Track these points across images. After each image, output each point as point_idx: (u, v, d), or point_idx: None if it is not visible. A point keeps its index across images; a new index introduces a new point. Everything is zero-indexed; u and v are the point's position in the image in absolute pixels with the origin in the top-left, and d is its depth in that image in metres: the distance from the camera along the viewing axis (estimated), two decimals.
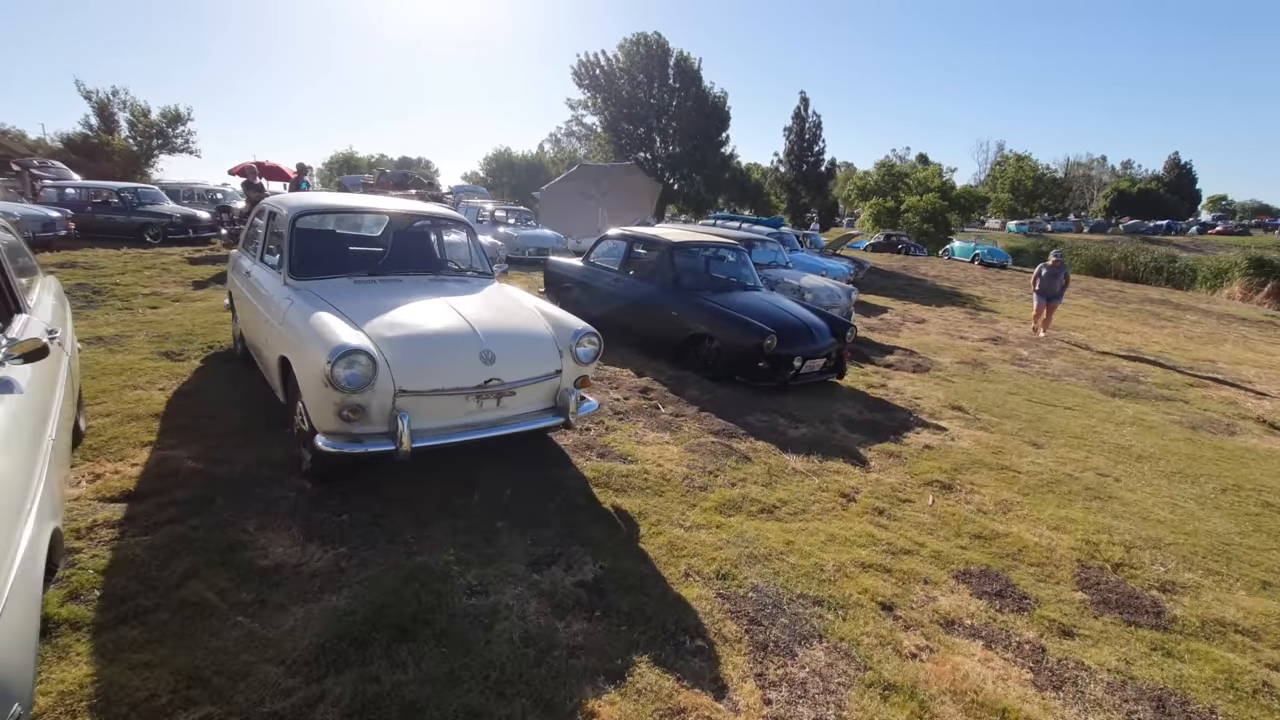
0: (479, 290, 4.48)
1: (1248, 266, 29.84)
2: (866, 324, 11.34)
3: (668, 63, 30.95)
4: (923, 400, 6.75)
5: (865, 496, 4.29)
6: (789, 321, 6.61)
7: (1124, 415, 7.03)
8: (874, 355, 8.77)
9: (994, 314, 14.25)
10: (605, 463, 4.36)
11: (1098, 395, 7.85)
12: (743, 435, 5.17)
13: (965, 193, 42.24)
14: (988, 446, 5.52)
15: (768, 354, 6.12)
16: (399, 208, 5.11)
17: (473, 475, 3.90)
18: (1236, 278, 30.05)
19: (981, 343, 10.60)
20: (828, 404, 6.23)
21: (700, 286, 7.18)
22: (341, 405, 3.19)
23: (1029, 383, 8.08)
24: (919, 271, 22.86)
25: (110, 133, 35.87)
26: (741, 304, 6.78)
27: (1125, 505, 4.61)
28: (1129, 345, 11.76)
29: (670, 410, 5.59)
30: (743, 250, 7.97)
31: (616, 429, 5.03)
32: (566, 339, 3.98)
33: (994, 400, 7.03)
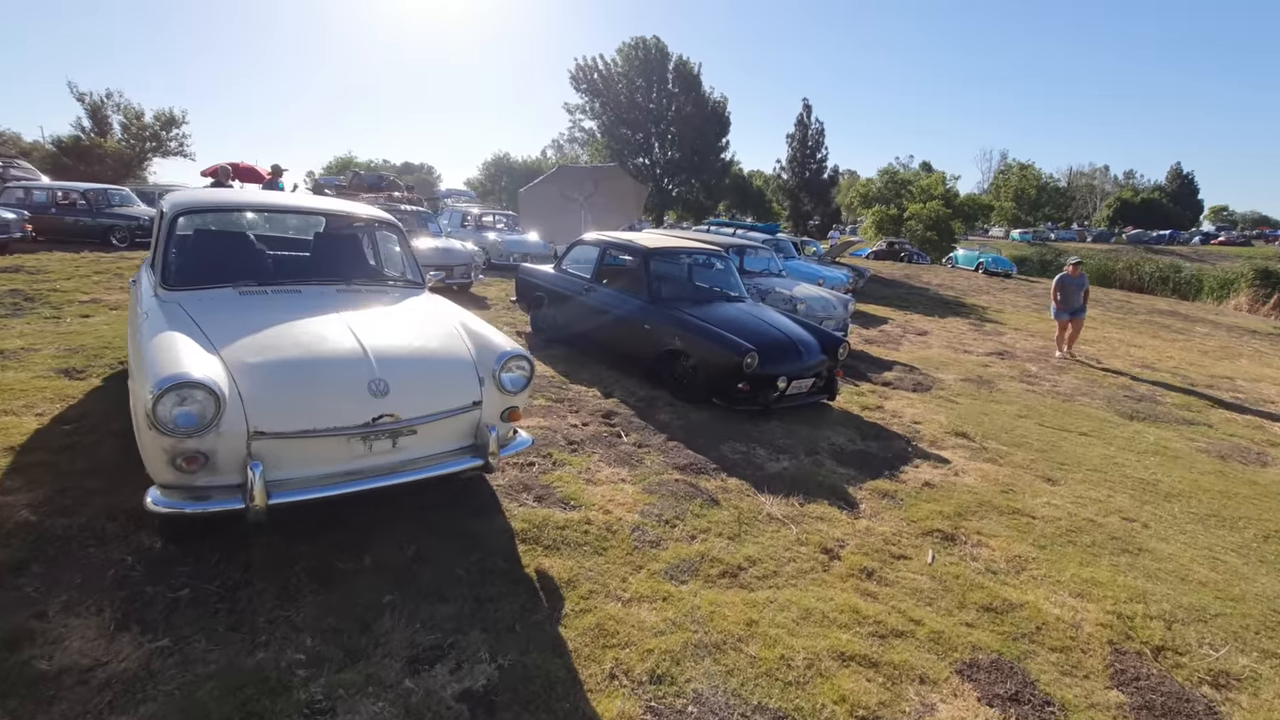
0: (395, 304, 3.78)
1: (1255, 278, 29.10)
2: (865, 336, 10.62)
3: (667, 67, 30.34)
4: (923, 425, 6.02)
5: (852, 552, 3.56)
6: (773, 337, 5.89)
7: (1145, 442, 6.28)
8: (871, 371, 8.04)
9: (999, 325, 13.51)
10: (542, 509, 3.64)
11: (1114, 418, 7.10)
12: (713, 471, 4.45)
13: (969, 200, 41.57)
14: (996, 483, 4.79)
15: (748, 374, 5.40)
16: (313, 206, 4.40)
17: (372, 528, 3.19)
18: (1244, 289, 29.29)
19: (987, 357, 9.86)
20: (816, 430, 5.50)
21: (677, 297, 6.47)
22: (174, 452, 2.49)
23: (1039, 403, 7.34)
24: (921, 280, 22.12)
25: (103, 135, 35.39)
26: (722, 317, 6.06)
27: (1158, 560, 3.87)
28: (1141, 360, 11.01)
29: (633, 440, 4.87)
30: (727, 258, 7.26)
31: (566, 463, 4.31)
32: (489, 363, 3.27)
33: (1002, 425, 6.30)
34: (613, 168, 10.48)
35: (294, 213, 4.29)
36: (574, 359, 7.02)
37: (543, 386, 5.94)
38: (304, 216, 4.43)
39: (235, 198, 4.39)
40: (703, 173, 31.84)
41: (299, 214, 4.32)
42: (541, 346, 7.52)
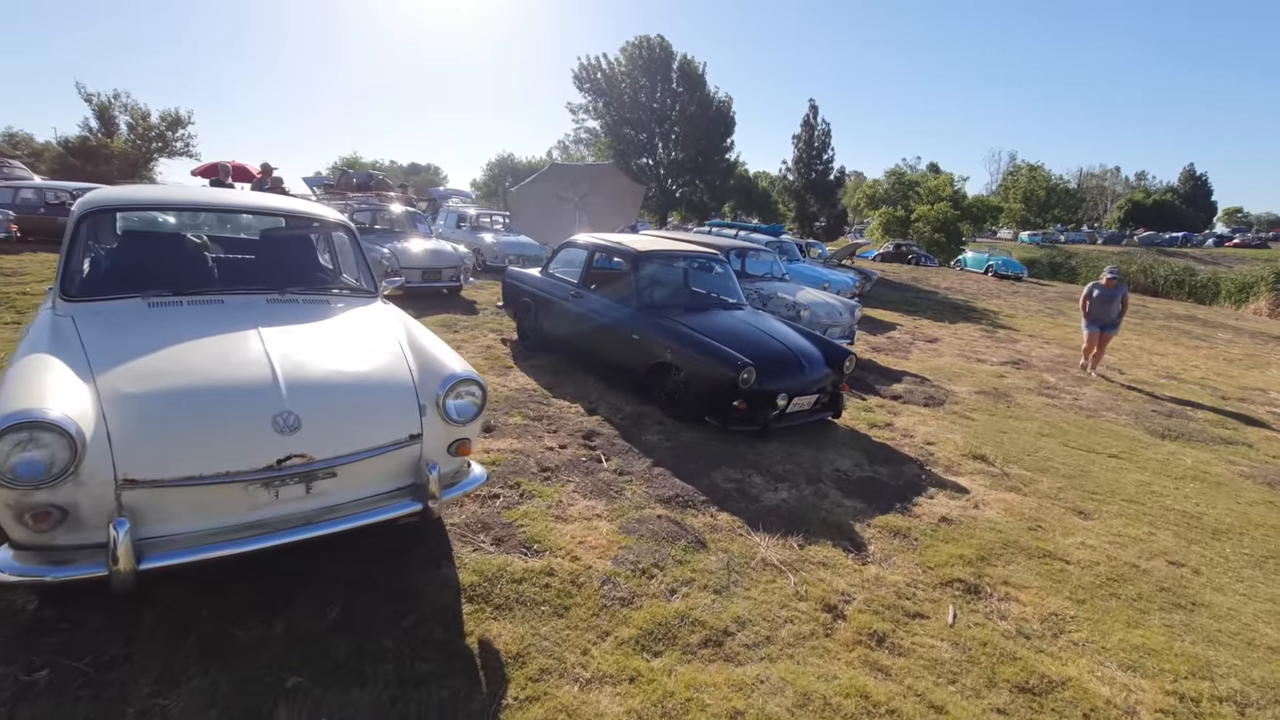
0: (334, 317, 3.28)
1: (1275, 281, 28.29)
2: (872, 343, 10.07)
3: (671, 66, 29.77)
4: (937, 446, 5.47)
5: (860, 609, 3.03)
6: (773, 349, 5.36)
7: (1181, 465, 5.71)
8: (880, 383, 7.50)
9: (1013, 331, 12.91)
10: (499, 555, 3.13)
11: (1144, 436, 6.53)
12: (702, 504, 3.93)
13: (977, 202, 40.84)
14: (1022, 517, 4.24)
15: (744, 390, 4.88)
16: (249, 204, 3.90)
17: (295, 582, 2.70)
18: (1263, 292, 28.51)
19: (1002, 367, 9.29)
20: (819, 453, 4.97)
21: (669, 305, 5.95)
22: (19, 507, 2.00)
23: (1061, 420, 6.78)
24: (930, 283, 21.50)
25: (110, 136, 35.21)
26: (717, 327, 5.54)
27: (1217, 618, 3.32)
28: (1166, 369, 10.39)
29: (614, 466, 4.35)
30: (724, 262, 6.73)
31: (535, 495, 3.80)
32: (433, 389, 2.77)
33: (1023, 446, 5.74)
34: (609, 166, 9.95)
35: (224, 211, 3.79)
36: (560, 370, 6.52)
37: (522, 402, 5.44)
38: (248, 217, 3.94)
39: (155, 195, 3.87)
40: (707, 173, 31.25)
41: (232, 213, 3.83)
42: (527, 355, 7.03)
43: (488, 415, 4.95)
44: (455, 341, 7.34)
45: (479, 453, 4.29)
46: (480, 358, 6.77)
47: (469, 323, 8.36)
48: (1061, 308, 18.22)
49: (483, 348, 7.18)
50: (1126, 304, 9.22)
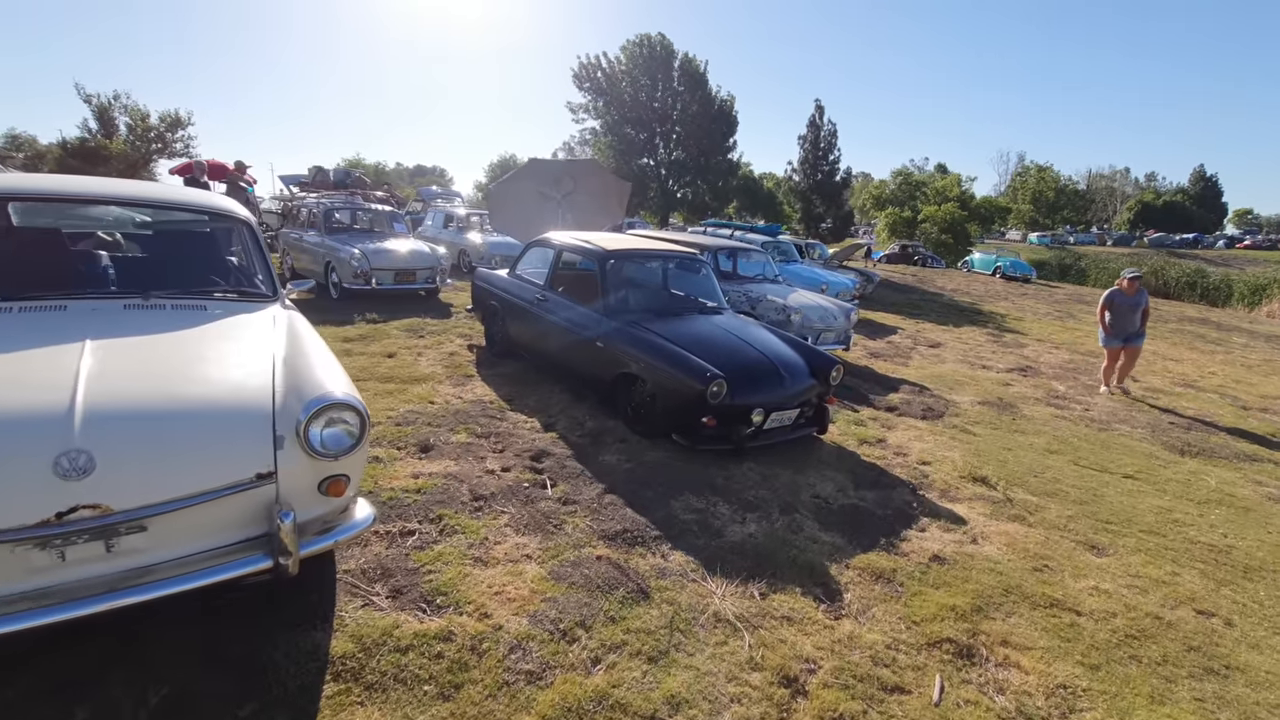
0: (201, 325, 2.76)
1: None
2: (870, 348, 9.49)
3: (672, 65, 29.19)
4: (933, 467, 4.91)
5: (825, 682, 2.48)
6: (749, 359, 4.81)
7: (1204, 487, 5.12)
8: (875, 392, 6.93)
9: (1020, 335, 12.28)
10: (392, 612, 2.60)
11: (1162, 453, 5.93)
12: (653, 540, 3.38)
13: (985, 203, 40.08)
14: (1026, 553, 3.68)
15: (714, 405, 4.33)
16: (122, 194, 3.36)
17: (119, 651, 2.18)
18: (1277, 295, 27.69)
19: (1008, 374, 8.69)
20: (799, 476, 4.42)
21: (639, 309, 5.40)
22: None
23: (1072, 433, 6.19)
24: (935, 285, 20.86)
25: (109, 137, 34.98)
26: (689, 334, 5.00)
27: (1255, 685, 2.75)
28: (1182, 377, 9.76)
29: (560, 493, 3.81)
30: (704, 263, 6.18)
31: (459, 530, 3.27)
32: (293, 415, 2.24)
33: (1029, 465, 5.16)
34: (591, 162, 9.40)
35: (87, 202, 3.27)
36: (525, 379, 6.00)
37: (473, 416, 4.92)
38: (137, 212, 3.43)
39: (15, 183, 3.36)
40: (709, 173, 30.65)
41: (99, 203, 3.31)
42: (493, 363, 6.51)
43: (429, 433, 4.44)
44: (418, 348, 6.84)
45: (406, 477, 3.78)
46: (441, 366, 6.26)
47: (437, 327, 7.85)
48: (1071, 310, 17.56)
49: (445, 355, 6.66)
50: (1148, 311, 8.03)
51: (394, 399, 5.14)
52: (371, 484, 3.63)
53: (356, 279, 8.75)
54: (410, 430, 4.49)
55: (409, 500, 3.49)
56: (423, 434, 4.44)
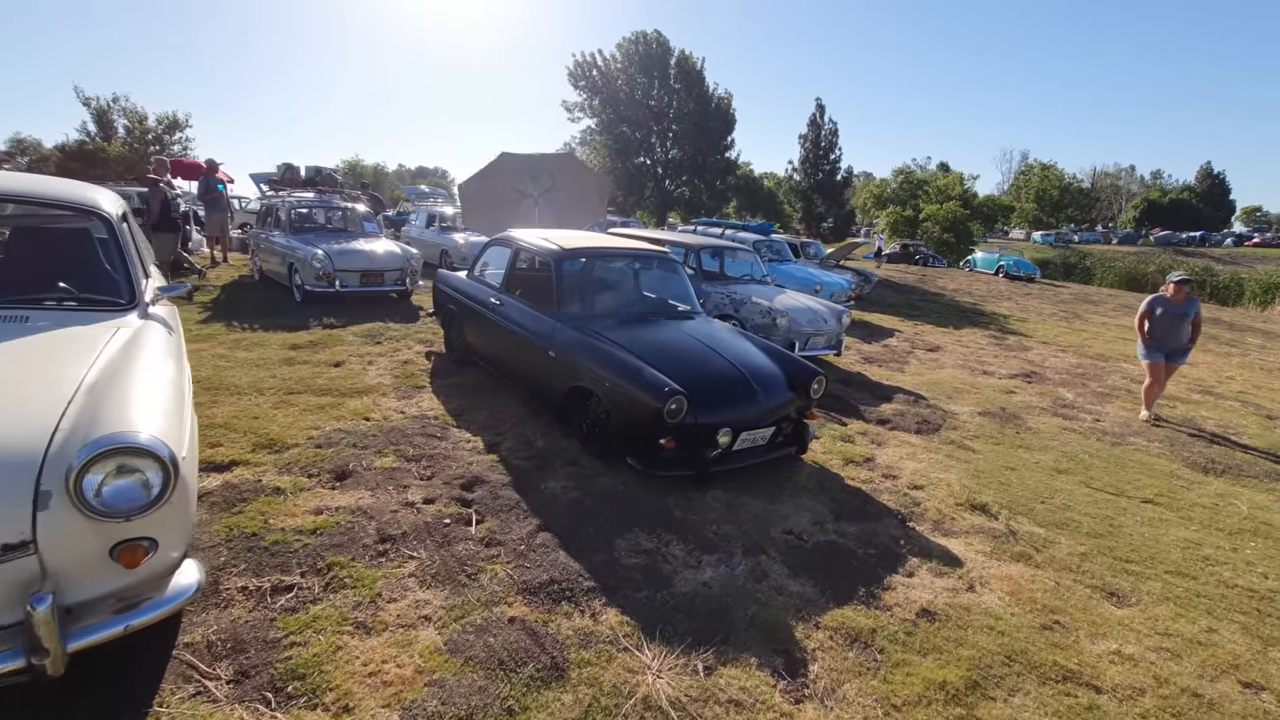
0: (6, 341, 2.21)
1: None
2: (865, 353, 8.89)
3: (669, 62, 28.58)
4: (926, 491, 4.32)
5: None
6: (716, 370, 4.23)
7: (1234, 514, 4.52)
8: (866, 402, 6.34)
9: (1024, 338, 11.65)
10: (227, 704, 2.03)
11: (1184, 471, 5.33)
12: (586, 594, 2.81)
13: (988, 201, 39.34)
14: (1033, 605, 3.09)
15: (674, 425, 3.76)
16: None
17: None
18: None
19: (1011, 380, 8.08)
20: (771, 505, 3.84)
21: (598, 314, 4.83)
22: None
23: (1082, 449, 5.58)
24: (937, 284, 20.22)
25: (108, 139, 34.70)
26: (651, 343, 4.42)
27: None
28: (1199, 382, 9.12)
29: (485, 531, 3.25)
30: (674, 263, 5.59)
31: (349, 584, 2.71)
32: (65, 462, 1.68)
33: (1035, 488, 4.57)
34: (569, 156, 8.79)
35: None
36: (481, 390, 5.44)
37: (410, 434, 4.36)
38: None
39: None
40: (706, 172, 30.03)
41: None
42: (450, 371, 5.95)
43: (352, 456, 3.88)
44: (371, 356, 6.29)
45: (306, 514, 3.22)
46: (390, 376, 5.70)
47: (398, 332, 7.29)
48: (1078, 310, 16.91)
49: (399, 363, 6.10)
50: (1199, 324, 6.70)
51: (324, 415, 4.58)
52: (259, 523, 3.07)
53: (319, 281, 8.20)
54: (330, 454, 3.93)
55: (298, 545, 2.93)
56: (344, 458, 3.88)
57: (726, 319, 7.60)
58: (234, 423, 4.27)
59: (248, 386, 5.04)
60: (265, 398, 4.83)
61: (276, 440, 4.04)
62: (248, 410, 4.53)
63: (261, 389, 5.01)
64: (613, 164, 28.90)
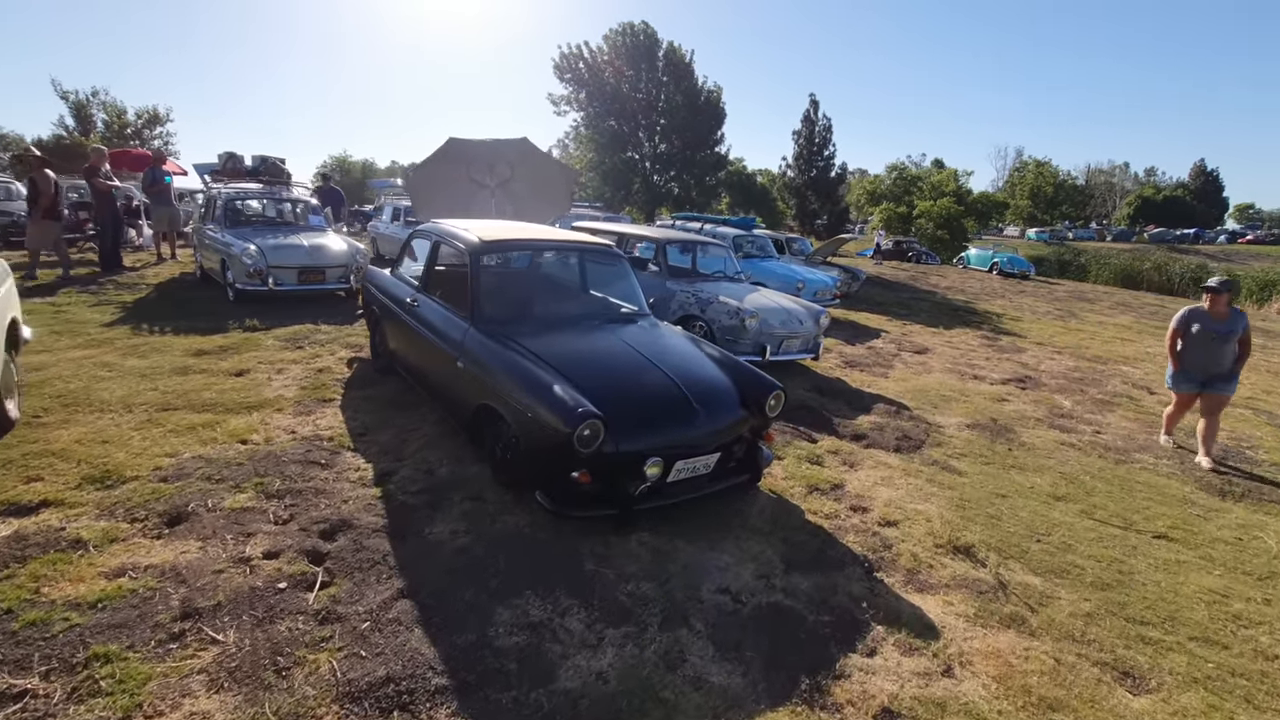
0: None
1: None
2: (847, 355, 8.18)
3: (656, 54, 27.75)
4: (901, 528, 3.61)
5: None
6: (648, 386, 3.50)
7: (1262, 552, 3.81)
8: (842, 414, 5.62)
9: (1017, 339, 10.95)
10: None
11: (1198, 495, 4.63)
12: (429, 698, 2.09)
13: (982, 198, 38.67)
14: (1027, 695, 2.38)
15: (589, 455, 3.03)
16: None
17: None
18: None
19: (1004, 386, 7.37)
20: (707, 553, 3.12)
21: (518, 318, 4.09)
22: None
23: (1082, 468, 4.88)
24: (929, 282, 19.52)
25: (86, 134, 33.83)
26: (575, 352, 3.70)
27: None
28: None
29: (330, 597, 2.52)
30: (618, 257, 4.85)
31: (111, 688, 1.98)
32: None
33: (1029, 520, 3.86)
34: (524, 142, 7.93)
35: None
36: (399, 403, 4.72)
37: (289, 461, 3.64)
38: None
39: None
40: (695, 167, 29.25)
41: None
42: (370, 380, 5.23)
43: (200, 492, 3.16)
44: (284, 363, 5.55)
45: (105, 573, 2.49)
46: (297, 387, 4.97)
47: (327, 336, 6.56)
48: (1073, 309, 16.21)
49: (313, 371, 5.37)
50: (1249, 344, 5.18)
51: (191, 438, 3.85)
52: (25, 594, 2.35)
53: (251, 279, 7.46)
54: (173, 490, 3.20)
55: (61, 627, 2.21)
56: (187, 495, 3.15)
57: (691, 320, 6.89)
58: (73, 449, 3.54)
59: (117, 402, 4.30)
60: (131, 416, 4.10)
61: (114, 472, 3.32)
62: (100, 432, 3.80)
63: (132, 405, 4.28)
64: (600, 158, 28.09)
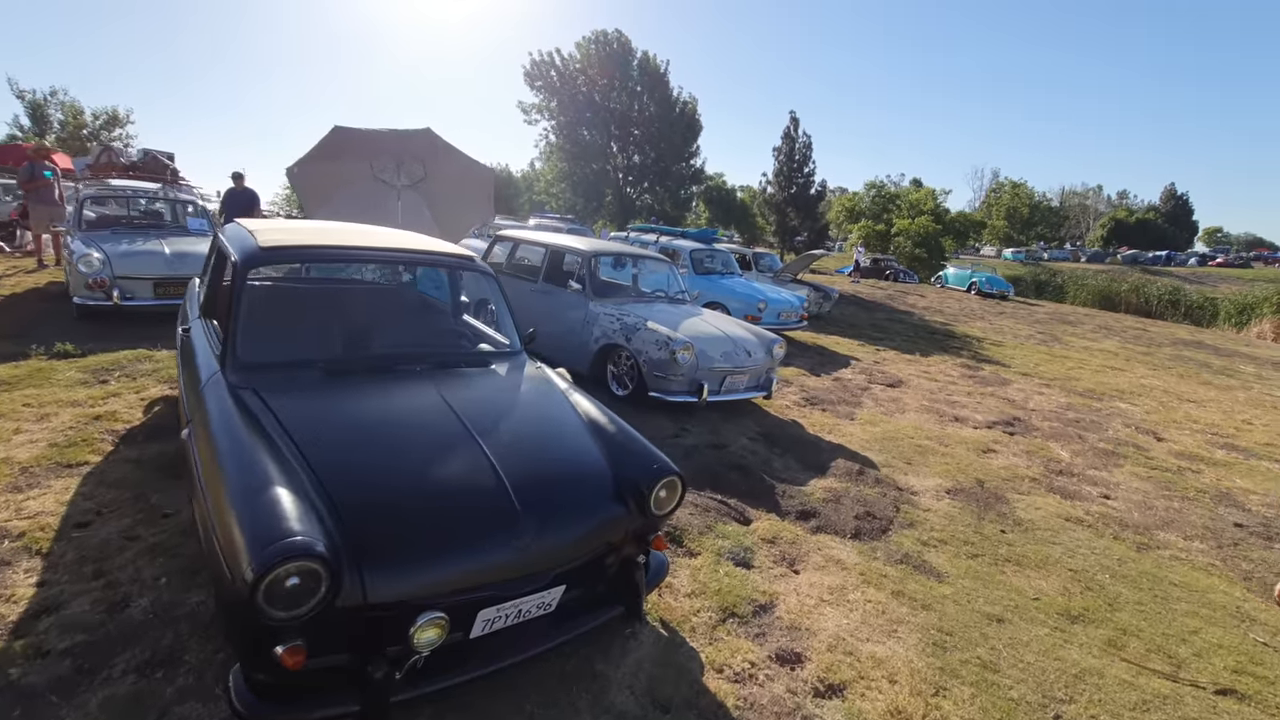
0: None
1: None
2: (808, 391, 6.92)
3: (630, 63, 26.69)
4: (848, 700, 2.31)
5: None
6: (446, 481, 2.18)
7: None
8: (791, 476, 4.35)
9: (1001, 367, 9.78)
10: None
11: (1252, 602, 3.41)
12: None
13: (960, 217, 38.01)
14: None
15: (297, 619, 1.70)
16: None
17: None
18: (1267, 314, 25.55)
19: (990, 431, 6.15)
20: None
21: (293, 362, 2.75)
22: None
23: (1098, 559, 3.63)
24: (906, 301, 18.45)
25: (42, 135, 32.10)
26: (347, 423, 2.38)
27: None
28: (1214, 430, 7.27)
29: None
30: (486, 275, 3.53)
31: None
32: None
33: (1039, 669, 2.58)
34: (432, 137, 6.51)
35: None
36: (175, 469, 3.36)
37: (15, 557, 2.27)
38: None
39: None
40: (669, 179, 28.14)
41: None
42: (164, 432, 3.86)
43: None
44: (58, 405, 4.16)
45: None
46: (47, 443, 3.59)
47: (152, 366, 5.15)
48: (1055, 332, 15.17)
49: (86, 420, 3.99)
50: None
51: None
52: None
53: (91, 290, 6.07)
54: None
55: None
56: None
57: (615, 350, 5.60)
58: None
59: None
60: None
61: None
62: None
63: None
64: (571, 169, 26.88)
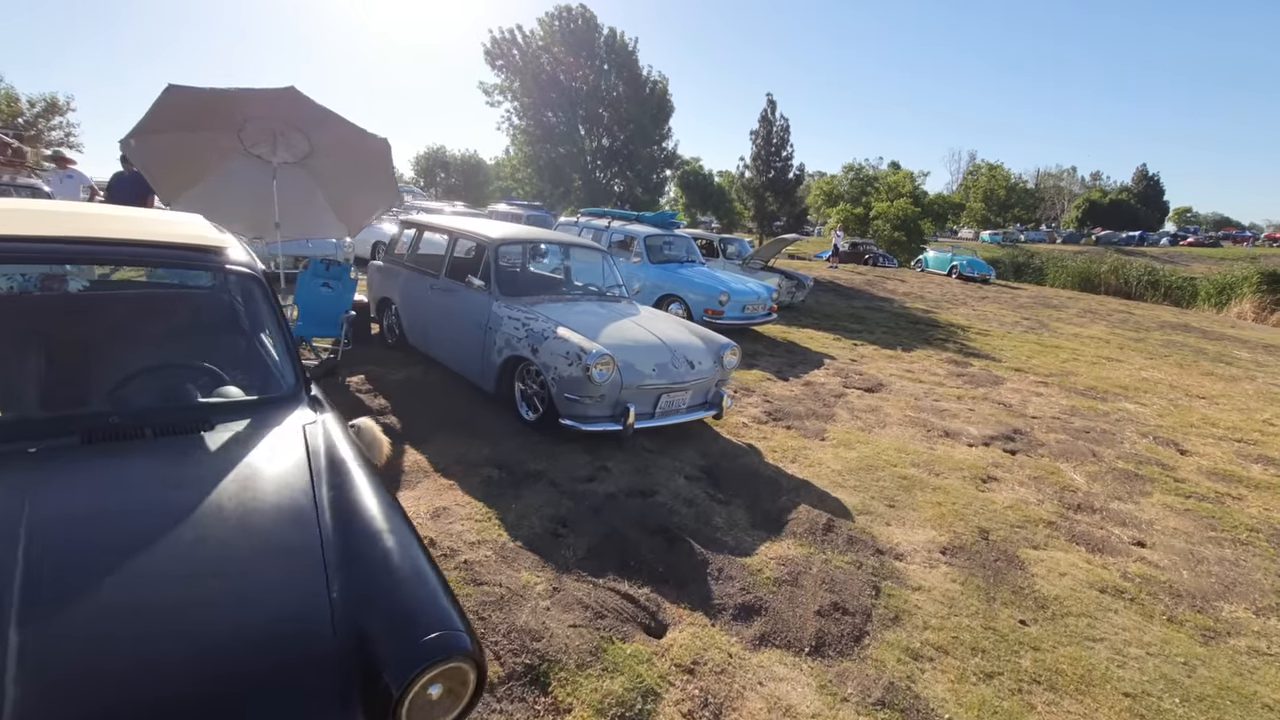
0: None
1: (1260, 282, 24.73)
2: (773, 400, 5.77)
3: (596, 40, 25.20)
4: None
5: None
6: None
7: None
8: (730, 540, 3.19)
9: (992, 362, 8.71)
10: None
11: None
12: None
13: (938, 200, 37.11)
14: None
15: None
16: None
17: None
18: (1247, 294, 24.95)
19: (988, 449, 5.05)
20: None
21: None
22: None
23: (1155, 663, 2.53)
24: (886, 287, 17.40)
25: None
26: None
27: None
28: (1236, 434, 6.24)
29: None
30: (255, 283, 2.30)
31: None
32: None
33: None
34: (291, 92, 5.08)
35: None
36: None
37: None
38: None
39: None
40: (640, 163, 26.79)
41: None
42: None
43: None
44: None
45: None
46: None
47: None
48: (1041, 318, 14.18)
49: None
50: None
51: None
52: None
53: None
54: None
55: None
56: None
57: (522, 364, 4.39)
58: None
59: None
60: None
61: None
62: None
63: None
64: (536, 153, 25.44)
